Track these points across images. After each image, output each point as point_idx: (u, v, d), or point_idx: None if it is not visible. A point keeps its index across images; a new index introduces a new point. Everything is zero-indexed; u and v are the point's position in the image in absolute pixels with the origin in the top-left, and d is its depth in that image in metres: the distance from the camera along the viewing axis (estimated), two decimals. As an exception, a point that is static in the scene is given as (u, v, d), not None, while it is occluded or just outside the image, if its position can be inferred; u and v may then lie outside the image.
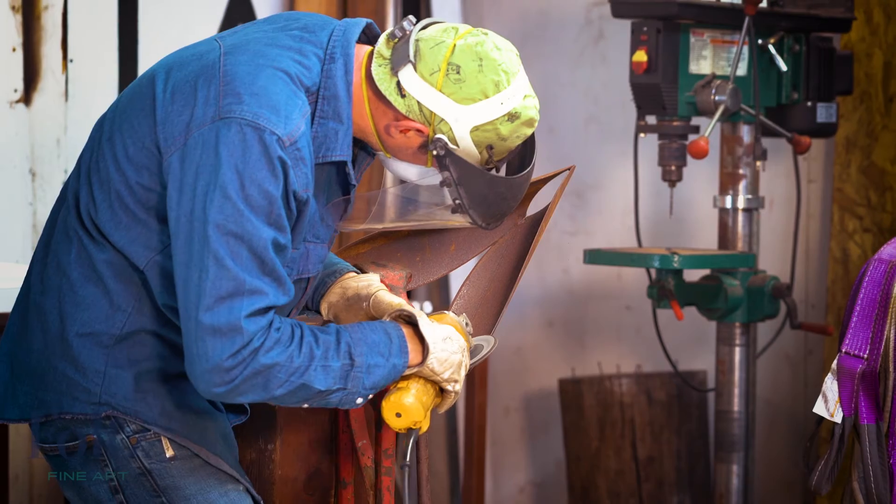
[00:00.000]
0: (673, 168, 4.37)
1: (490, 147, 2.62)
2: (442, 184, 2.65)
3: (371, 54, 2.65)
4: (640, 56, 4.26)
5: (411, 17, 2.64)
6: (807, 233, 5.17)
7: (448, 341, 2.71)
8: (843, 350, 2.90)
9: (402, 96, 2.60)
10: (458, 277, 4.89)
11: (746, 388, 4.49)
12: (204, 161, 2.49)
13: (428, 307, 4.80)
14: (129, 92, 2.65)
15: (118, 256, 2.59)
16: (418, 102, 2.60)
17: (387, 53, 2.63)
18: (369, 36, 2.71)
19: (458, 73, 2.58)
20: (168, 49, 2.84)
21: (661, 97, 4.26)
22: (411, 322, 2.71)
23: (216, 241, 2.47)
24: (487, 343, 2.88)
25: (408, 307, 2.74)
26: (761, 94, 4.39)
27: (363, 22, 2.68)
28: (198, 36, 3.04)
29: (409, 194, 2.74)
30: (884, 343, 2.87)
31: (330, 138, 2.61)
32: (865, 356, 2.88)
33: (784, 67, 4.41)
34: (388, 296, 2.80)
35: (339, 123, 2.61)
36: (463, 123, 2.59)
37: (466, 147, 2.62)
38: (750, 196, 4.47)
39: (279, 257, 2.53)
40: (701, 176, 5.02)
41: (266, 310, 2.51)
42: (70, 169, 4.23)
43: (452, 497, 5.35)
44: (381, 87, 2.61)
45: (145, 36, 4.44)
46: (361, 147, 2.74)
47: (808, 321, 4.90)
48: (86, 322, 2.60)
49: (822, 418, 2.96)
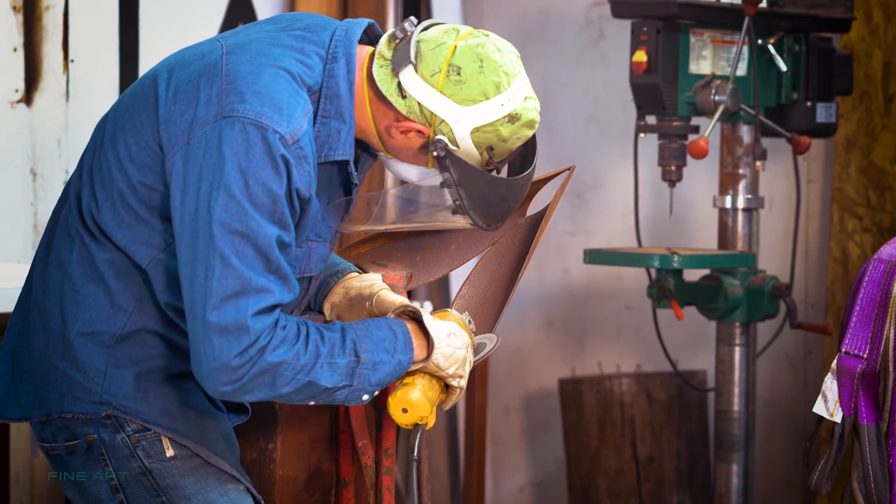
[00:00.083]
0: (673, 168, 4.37)
1: (491, 148, 2.62)
2: (442, 185, 2.65)
3: (372, 55, 2.65)
4: (640, 56, 4.26)
5: (413, 18, 2.64)
6: (806, 233, 5.17)
7: (452, 337, 2.71)
8: (843, 350, 2.90)
9: (403, 97, 2.61)
10: (459, 277, 4.89)
11: (746, 387, 4.49)
12: (207, 160, 2.49)
13: (428, 307, 4.79)
14: (132, 92, 2.65)
15: (120, 256, 2.59)
16: (419, 103, 2.60)
17: (388, 54, 2.63)
18: (371, 36, 2.71)
19: (458, 74, 2.58)
20: (169, 49, 2.84)
21: (661, 97, 4.26)
22: (415, 318, 2.71)
23: (221, 240, 2.47)
24: (490, 341, 2.88)
25: (412, 304, 2.75)
26: (761, 94, 4.39)
27: (365, 22, 2.68)
28: (198, 36, 3.05)
29: (410, 195, 2.74)
30: (883, 343, 2.87)
31: (332, 137, 2.62)
32: (865, 356, 2.88)
33: (784, 67, 4.41)
34: (391, 295, 2.81)
35: (341, 123, 2.61)
36: (463, 124, 2.59)
37: (467, 148, 2.62)
38: (750, 196, 4.47)
39: (283, 255, 2.53)
40: (701, 176, 5.02)
41: (272, 308, 2.51)
42: (71, 169, 4.23)
43: (453, 496, 5.35)
44: (383, 87, 2.62)
45: (146, 36, 4.43)
46: (364, 148, 2.74)
47: (807, 321, 4.89)
48: (87, 321, 2.60)
49: (821, 418, 2.96)
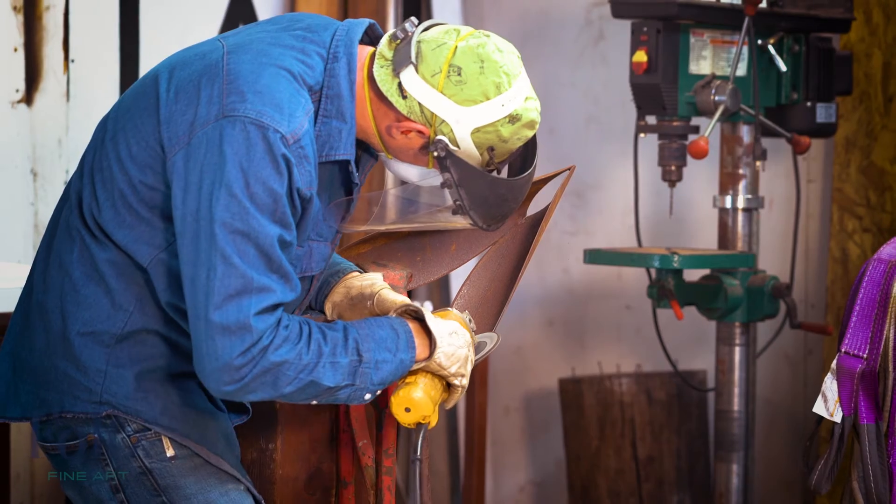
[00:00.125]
0: (673, 168, 4.37)
1: (491, 149, 2.62)
2: (443, 185, 2.65)
3: (373, 55, 2.65)
4: (640, 56, 4.26)
5: (413, 18, 2.64)
6: (806, 233, 5.17)
7: (454, 336, 2.71)
8: (843, 350, 2.91)
9: (404, 97, 2.61)
10: (459, 277, 4.89)
11: (746, 387, 4.49)
12: (208, 160, 2.49)
13: (428, 307, 4.79)
14: (133, 92, 2.65)
15: (120, 255, 2.60)
16: (419, 104, 2.60)
17: (389, 55, 2.63)
18: (372, 37, 2.71)
19: (459, 74, 2.58)
20: (169, 50, 2.84)
21: (661, 97, 4.26)
22: (417, 317, 2.71)
23: (223, 240, 2.48)
24: (491, 340, 2.89)
25: (413, 303, 2.75)
26: (761, 94, 4.39)
27: (366, 22, 2.68)
28: (199, 36, 3.05)
29: (411, 195, 2.75)
30: (883, 343, 2.87)
31: (333, 137, 2.62)
32: (865, 356, 2.89)
33: (784, 68, 4.41)
34: (392, 294, 2.81)
35: (342, 122, 2.61)
36: (464, 125, 2.59)
37: (467, 148, 2.62)
38: (750, 196, 4.47)
39: (285, 254, 2.53)
40: (701, 176, 5.02)
41: (274, 307, 2.51)
42: (71, 169, 4.23)
43: (453, 496, 5.36)
44: (383, 88, 2.62)
45: (146, 36, 4.44)
46: (365, 149, 2.74)
47: (807, 321, 4.90)
48: (87, 321, 2.60)
49: (821, 418, 2.96)
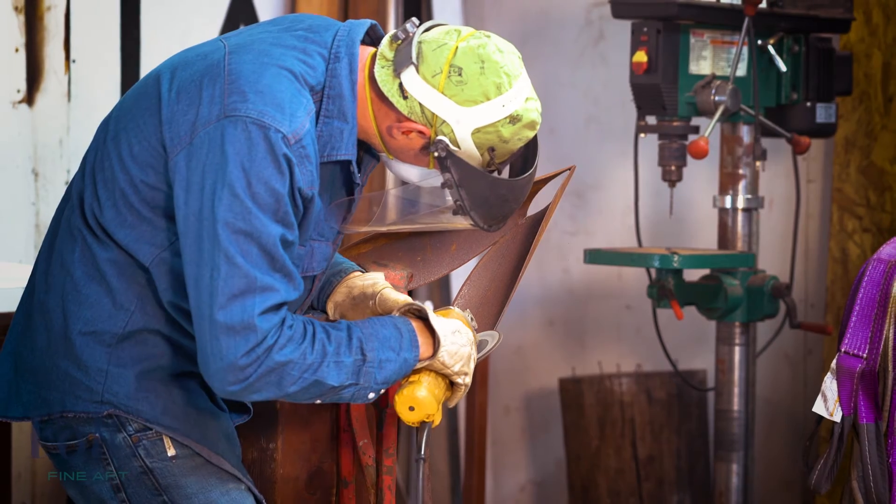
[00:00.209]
0: (673, 168, 4.37)
1: (492, 149, 2.62)
2: (443, 185, 2.65)
3: (374, 56, 2.65)
4: (640, 56, 4.26)
5: (414, 19, 2.64)
6: (806, 233, 5.17)
7: (457, 334, 2.72)
8: (843, 349, 2.91)
9: (405, 98, 2.61)
10: (459, 277, 4.89)
11: (746, 387, 4.49)
12: (210, 160, 2.50)
13: (429, 306, 4.80)
14: (134, 92, 2.65)
15: (122, 255, 2.60)
16: (420, 104, 2.60)
17: (390, 55, 2.63)
18: (373, 37, 2.71)
19: (459, 75, 2.58)
20: (170, 50, 2.85)
21: (661, 97, 4.27)
22: (420, 316, 2.72)
23: (226, 239, 2.48)
24: (492, 338, 2.89)
25: (416, 302, 2.75)
26: (761, 94, 4.40)
27: (367, 23, 2.69)
28: (200, 37, 3.06)
29: (411, 196, 2.75)
30: (883, 342, 2.88)
31: (335, 137, 2.62)
32: (864, 355, 2.89)
33: (783, 68, 4.42)
34: (394, 293, 2.81)
35: (343, 122, 2.61)
36: (464, 125, 2.60)
37: (468, 149, 2.62)
38: (749, 196, 4.48)
39: (287, 253, 2.53)
40: (701, 176, 5.03)
41: (278, 306, 2.52)
42: (73, 169, 4.23)
43: (453, 496, 5.36)
44: (384, 88, 2.62)
45: (147, 37, 4.44)
46: (366, 150, 2.75)
47: (807, 321, 4.90)
48: (88, 321, 2.60)
49: (821, 417, 2.96)
